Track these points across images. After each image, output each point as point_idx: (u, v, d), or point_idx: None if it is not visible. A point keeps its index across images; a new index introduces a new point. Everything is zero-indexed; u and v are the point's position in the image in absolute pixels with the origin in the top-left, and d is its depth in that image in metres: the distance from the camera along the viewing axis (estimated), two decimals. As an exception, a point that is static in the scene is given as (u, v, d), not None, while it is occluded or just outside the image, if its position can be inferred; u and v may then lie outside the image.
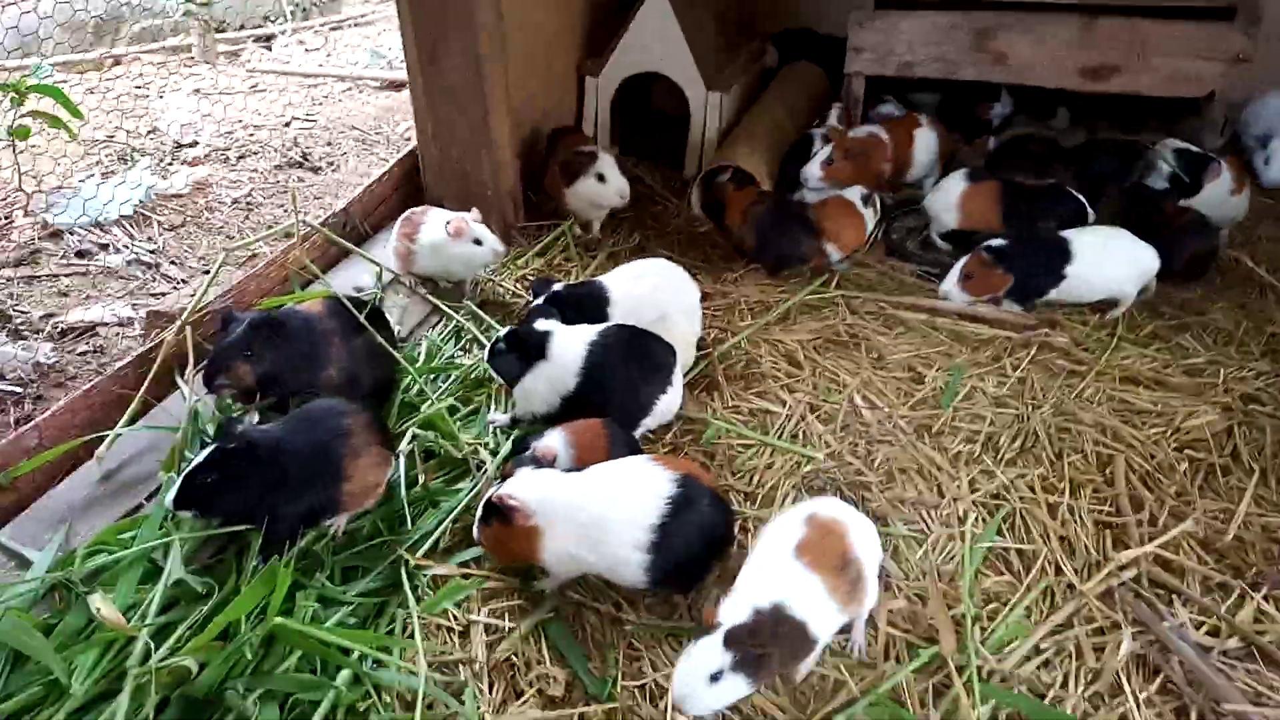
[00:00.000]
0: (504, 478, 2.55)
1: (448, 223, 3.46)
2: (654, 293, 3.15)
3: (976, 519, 2.73)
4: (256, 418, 2.85)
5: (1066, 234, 3.68)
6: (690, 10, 4.71)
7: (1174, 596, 2.47)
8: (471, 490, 2.73)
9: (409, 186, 4.17)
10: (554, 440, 2.64)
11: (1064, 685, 2.27)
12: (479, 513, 2.42)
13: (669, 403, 2.93)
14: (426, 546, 2.56)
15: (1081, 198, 3.95)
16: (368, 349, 2.98)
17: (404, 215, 3.62)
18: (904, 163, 4.43)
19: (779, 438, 3.06)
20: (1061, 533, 2.68)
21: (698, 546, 2.32)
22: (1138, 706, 2.21)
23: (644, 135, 5.39)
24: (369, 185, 4.01)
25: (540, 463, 2.54)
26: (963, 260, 3.71)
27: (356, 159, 5.24)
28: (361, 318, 2.98)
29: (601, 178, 4.01)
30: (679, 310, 3.20)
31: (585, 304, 3.08)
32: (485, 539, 2.41)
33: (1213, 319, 3.63)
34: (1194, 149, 4.12)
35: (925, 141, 4.43)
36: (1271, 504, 2.76)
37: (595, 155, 4.01)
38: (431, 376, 3.22)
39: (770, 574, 2.11)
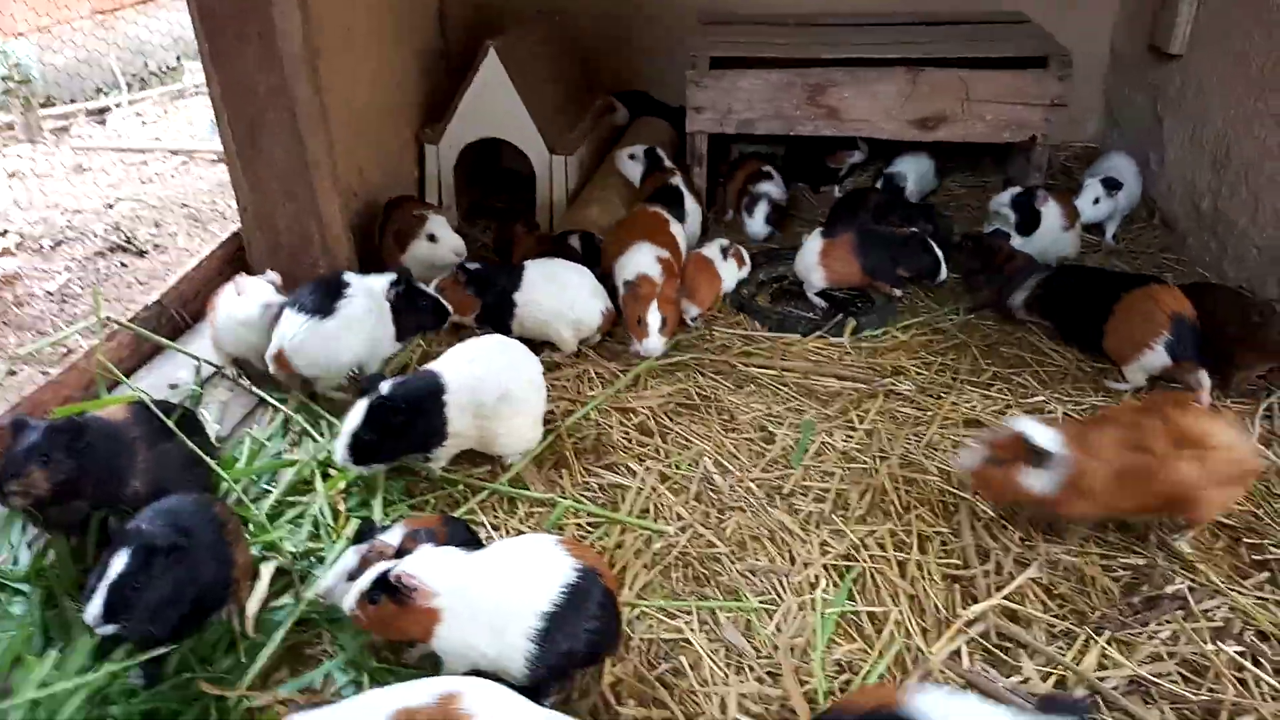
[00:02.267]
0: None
1: (233, 280, 3.36)
2: (491, 373, 3.01)
3: (828, 584, 2.68)
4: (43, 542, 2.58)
5: (529, 263, 3.72)
6: (528, 73, 4.66)
7: (1021, 649, 2.46)
8: (298, 607, 2.52)
9: (234, 270, 3.94)
10: (395, 536, 2.48)
11: (919, 755, 2.21)
12: (363, 586, 2.19)
13: None
14: (248, 677, 2.34)
15: (937, 251, 4.00)
16: (179, 456, 2.75)
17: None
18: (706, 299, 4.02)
19: (629, 513, 2.96)
20: (911, 591, 2.65)
21: (581, 645, 2.21)
22: (992, 771, 2.17)
23: (496, 196, 5.31)
24: (185, 272, 3.77)
25: (370, 559, 2.38)
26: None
27: (187, 239, 4.95)
28: (170, 422, 2.75)
29: (433, 238, 3.91)
30: (521, 387, 3.08)
31: (419, 400, 2.90)
32: (367, 616, 2.19)
33: (1048, 356, 3.73)
34: (1020, 190, 4.27)
35: (729, 273, 4.11)
36: (1109, 542, 2.81)
37: (424, 217, 3.90)
38: (254, 478, 3.00)
39: (353, 710, 1.90)
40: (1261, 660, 2.38)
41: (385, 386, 2.86)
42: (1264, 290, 3.79)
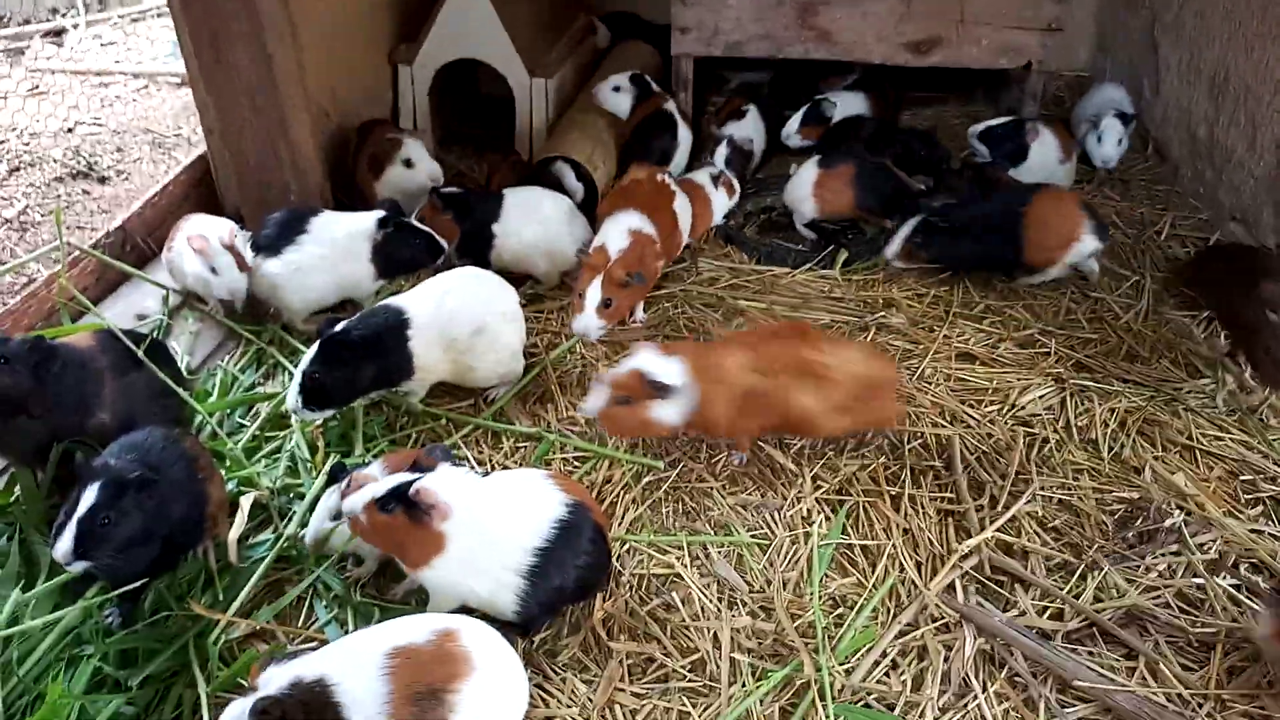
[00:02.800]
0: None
1: (190, 237, 3.14)
2: (464, 306, 2.89)
3: (821, 519, 2.64)
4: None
5: (508, 192, 3.58)
6: (506, -12, 4.44)
7: (1017, 583, 2.44)
8: (275, 543, 2.44)
9: (200, 195, 3.77)
10: (374, 471, 2.38)
11: (915, 689, 2.19)
12: (376, 492, 2.10)
13: None
14: (231, 611, 2.27)
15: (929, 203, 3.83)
16: (148, 387, 2.63)
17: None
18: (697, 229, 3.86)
19: (618, 448, 2.89)
20: (905, 525, 2.61)
21: (572, 581, 2.17)
22: (988, 703, 2.16)
23: (473, 123, 5.11)
24: (150, 197, 3.59)
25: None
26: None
27: (152, 165, 4.73)
28: (140, 351, 2.62)
29: (409, 163, 3.76)
30: (497, 319, 2.97)
31: (378, 336, 2.76)
32: (373, 525, 2.09)
33: (1041, 289, 3.66)
34: (1000, 123, 4.14)
35: (719, 202, 3.94)
36: (1104, 475, 2.77)
37: (400, 141, 3.74)
38: (228, 412, 2.90)
39: (341, 651, 1.87)
40: (1257, 592, 2.37)
41: (342, 324, 2.73)
42: (1259, 220, 3.72)
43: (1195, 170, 4.29)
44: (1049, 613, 2.35)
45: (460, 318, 2.85)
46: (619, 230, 3.28)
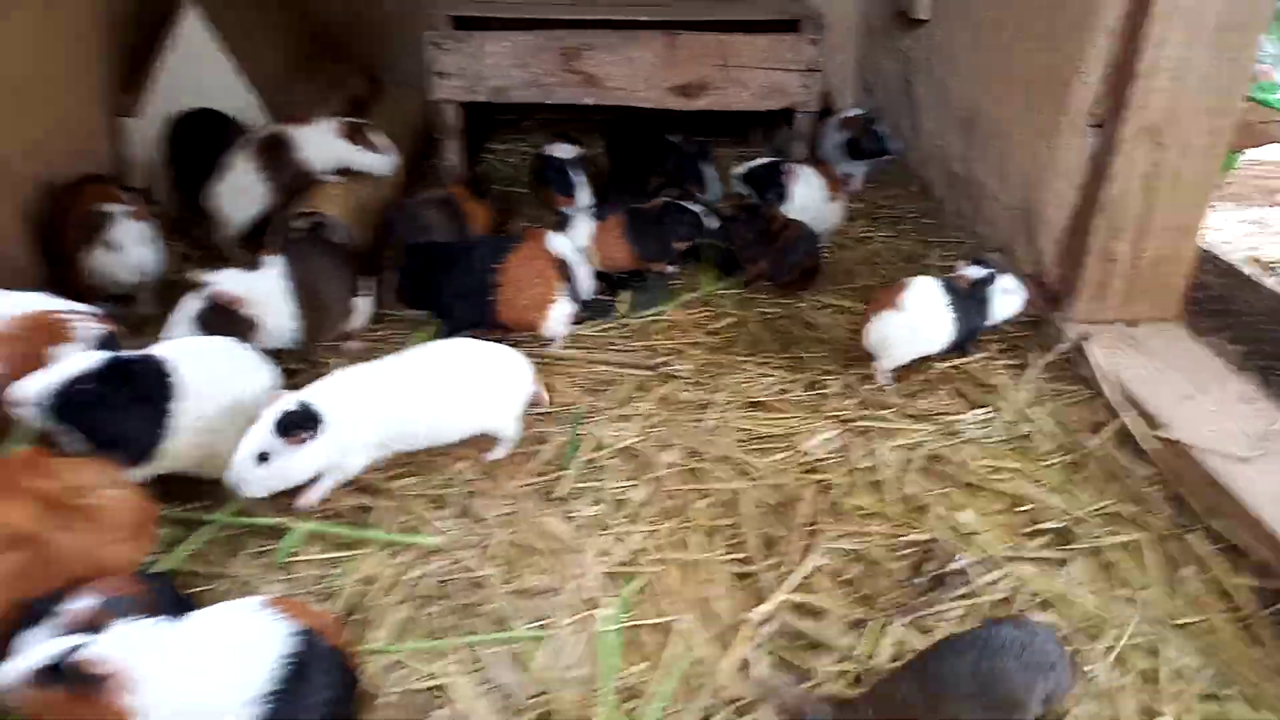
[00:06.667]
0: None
1: None
2: (229, 377, 2.54)
3: (608, 598, 2.40)
4: None
5: None
6: (242, 30, 4.05)
7: (813, 648, 2.29)
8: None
9: None
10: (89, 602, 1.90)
11: (716, 785, 1.98)
12: (34, 663, 1.64)
13: None
14: None
15: (695, 207, 3.84)
16: None
17: None
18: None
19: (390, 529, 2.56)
20: (697, 595, 2.42)
21: None
22: (792, 790, 1.97)
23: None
24: None
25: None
26: None
27: None
28: None
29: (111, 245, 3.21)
30: (256, 399, 2.60)
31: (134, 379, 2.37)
32: (32, 707, 1.64)
33: (821, 328, 3.63)
34: (760, 164, 4.14)
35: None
36: (890, 518, 2.70)
37: (107, 215, 3.21)
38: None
39: None
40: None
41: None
42: (1014, 250, 3.87)
43: (955, 205, 4.46)
44: (847, 678, 2.21)
45: (222, 389, 2.51)
46: None
